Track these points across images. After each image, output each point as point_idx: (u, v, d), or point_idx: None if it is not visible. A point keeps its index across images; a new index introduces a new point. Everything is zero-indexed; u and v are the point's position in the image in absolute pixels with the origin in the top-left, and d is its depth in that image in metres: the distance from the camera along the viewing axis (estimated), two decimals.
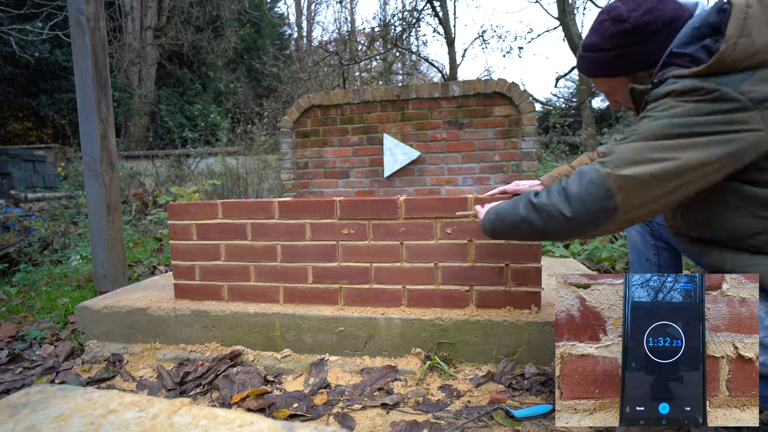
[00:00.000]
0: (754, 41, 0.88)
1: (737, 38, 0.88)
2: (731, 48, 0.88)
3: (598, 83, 1.18)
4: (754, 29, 0.88)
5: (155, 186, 7.14)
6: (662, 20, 1.01)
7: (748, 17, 0.89)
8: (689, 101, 0.90)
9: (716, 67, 0.90)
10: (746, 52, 0.88)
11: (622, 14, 1.04)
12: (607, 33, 1.07)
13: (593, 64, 1.13)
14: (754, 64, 0.88)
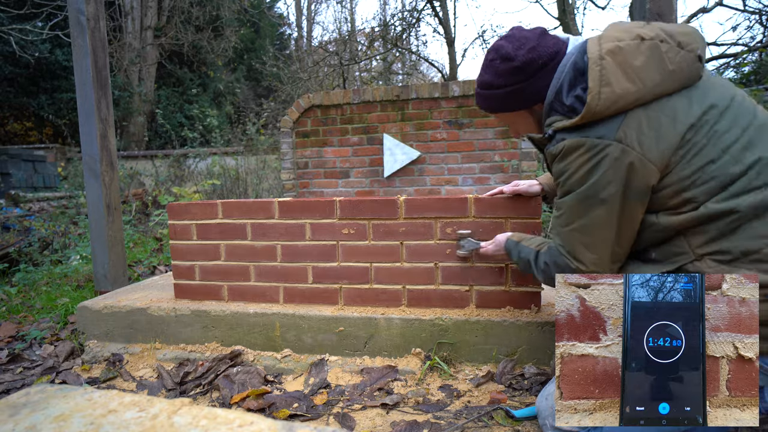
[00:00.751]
0: (614, 89, 0.97)
1: (600, 88, 0.98)
2: (596, 99, 0.98)
3: (499, 117, 1.27)
4: (612, 78, 0.97)
5: (155, 186, 7.14)
6: (546, 56, 1.11)
7: (603, 69, 0.98)
8: (579, 163, 1.02)
9: (589, 118, 0.99)
10: (610, 99, 0.97)
11: (509, 53, 1.13)
12: (498, 71, 1.15)
13: (490, 100, 1.21)
14: (621, 109, 0.97)
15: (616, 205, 1.00)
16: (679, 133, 0.95)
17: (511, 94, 1.16)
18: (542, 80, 1.12)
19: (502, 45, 1.15)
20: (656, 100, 0.97)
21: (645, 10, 1.87)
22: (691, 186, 0.96)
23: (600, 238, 1.04)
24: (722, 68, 5.87)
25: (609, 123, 0.98)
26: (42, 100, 10.47)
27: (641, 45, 0.99)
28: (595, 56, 1.00)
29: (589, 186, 1.01)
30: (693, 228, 0.97)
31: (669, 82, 0.97)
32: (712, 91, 0.99)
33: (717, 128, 0.95)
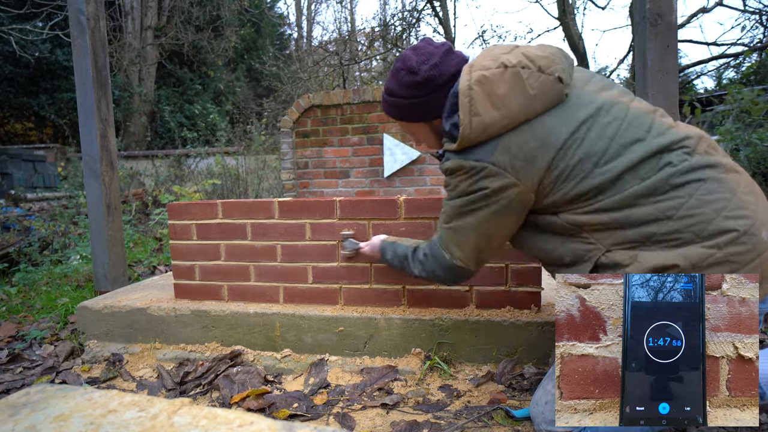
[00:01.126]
0: (483, 118, 1.04)
1: (470, 117, 1.05)
2: (467, 128, 1.06)
3: (401, 126, 1.32)
4: (480, 108, 1.05)
5: (155, 186, 7.14)
6: (446, 75, 1.16)
7: (472, 99, 1.05)
8: (460, 180, 1.11)
9: (465, 144, 1.08)
10: (480, 128, 1.05)
11: (413, 66, 1.17)
12: (402, 82, 1.19)
13: (393, 108, 1.25)
14: (493, 135, 1.05)
15: (487, 216, 1.11)
16: (548, 156, 1.03)
17: (412, 107, 1.21)
18: (440, 98, 1.17)
19: (409, 56, 1.19)
20: (525, 123, 1.05)
21: (645, 10, 1.87)
22: (574, 200, 1.04)
23: (467, 240, 1.17)
24: (722, 68, 5.87)
25: (484, 147, 1.07)
26: (42, 100, 10.47)
27: (504, 73, 1.05)
28: (464, 87, 1.07)
29: (465, 199, 1.12)
30: (592, 226, 1.05)
31: (532, 106, 1.04)
32: (581, 108, 1.05)
33: (586, 143, 1.03)
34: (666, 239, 0.99)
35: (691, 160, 1.00)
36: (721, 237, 0.95)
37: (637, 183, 1.00)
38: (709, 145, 1.05)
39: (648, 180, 1.00)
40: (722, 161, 1.02)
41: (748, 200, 0.98)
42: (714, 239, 0.95)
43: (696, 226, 0.96)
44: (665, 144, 1.01)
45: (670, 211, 0.98)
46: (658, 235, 0.99)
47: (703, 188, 0.98)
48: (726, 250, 0.94)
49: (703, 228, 0.96)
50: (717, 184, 0.98)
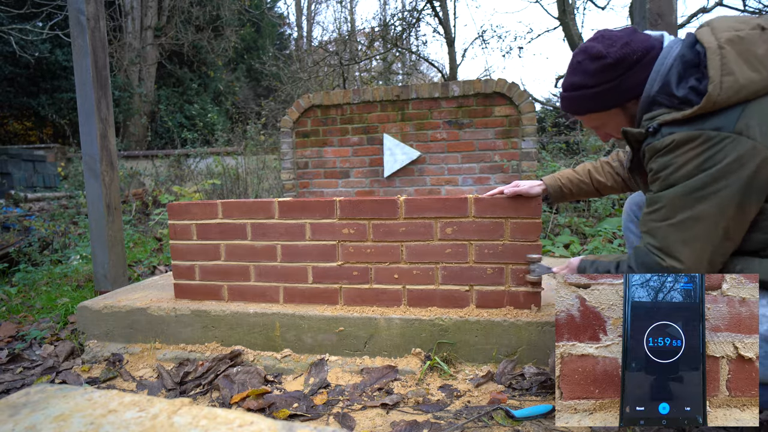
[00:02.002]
0: (738, 78, 0.92)
1: (721, 77, 0.93)
2: (718, 88, 0.92)
3: (587, 120, 1.22)
4: (734, 67, 0.93)
5: (155, 186, 7.14)
6: (640, 51, 1.07)
7: (724, 57, 0.94)
8: (690, 156, 0.95)
9: (708, 108, 0.94)
10: (733, 89, 0.92)
11: (600, 51, 1.09)
12: (588, 71, 1.12)
13: (581, 101, 1.16)
14: (741, 100, 0.92)
15: (729, 200, 0.93)
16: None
17: (604, 93, 1.12)
18: (637, 75, 1.08)
19: (592, 45, 1.11)
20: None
21: (645, 10, 1.87)
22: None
23: (703, 234, 0.96)
24: None
25: (726, 114, 0.93)
26: (42, 100, 10.47)
27: (763, 34, 0.94)
28: (713, 46, 0.95)
29: (699, 179, 0.95)
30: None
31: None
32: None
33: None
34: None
35: None
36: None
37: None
38: None
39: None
40: None
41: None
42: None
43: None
44: None
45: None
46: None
47: None
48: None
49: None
50: None
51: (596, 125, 1.23)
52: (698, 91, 0.96)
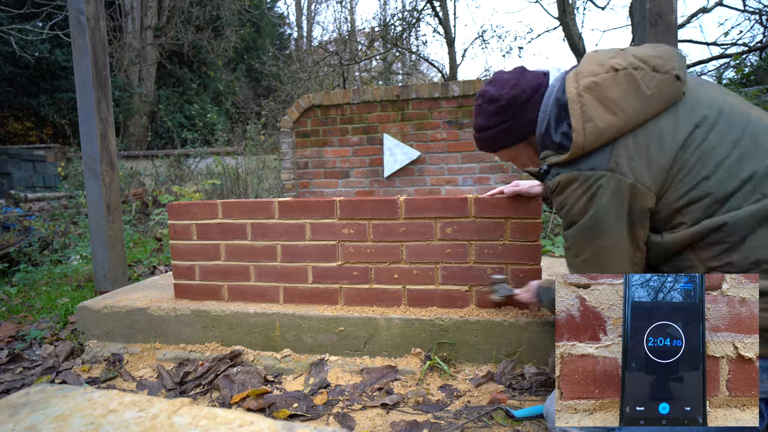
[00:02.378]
0: (597, 124, 1.00)
1: (583, 124, 1.01)
2: (581, 135, 1.01)
3: (500, 155, 1.33)
4: (593, 113, 1.01)
5: (155, 186, 7.14)
6: (529, 90, 1.18)
7: (583, 105, 1.02)
8: (576, 196, 1.05)
9: (578, 153, 1.03)
10: (595, 134, 1.00)
11: (494, 94, 1.21)
12: (488, 113, 1.23)
13: (488, 141, 1.28)
14: (606, 141, 1.01)
15: (620, 232, 1.03)
16: (668, 155, 0.98)
17: (504, 131, 1.23)
18: (530, 113, 1.18)
19: (487, 90, 1.23)
20: (642, 125, 1.00)
21: (645, 10, 1.87)
22: (688, 204, 0.98)
23: (612, 264, 1.06)
24: (722, 68, 5.87)
25: (599, 154, 1.01)
26: (42, 100, 10.47)
27: (616, 76, 1.02)
28: (573, 94, 1.04)
29: (589, 217, 1.04)
30: (698, 243, 0.98)
31: (650, 106, 1.00)
32: (700, 107, 1.00)
33: (706, 145, 0.97)
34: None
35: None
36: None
37: (761, 199, 0.93)
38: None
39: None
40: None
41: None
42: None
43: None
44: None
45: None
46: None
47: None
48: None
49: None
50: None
51: (510, 158, 1.33)
52: (569, 136, 1.05)
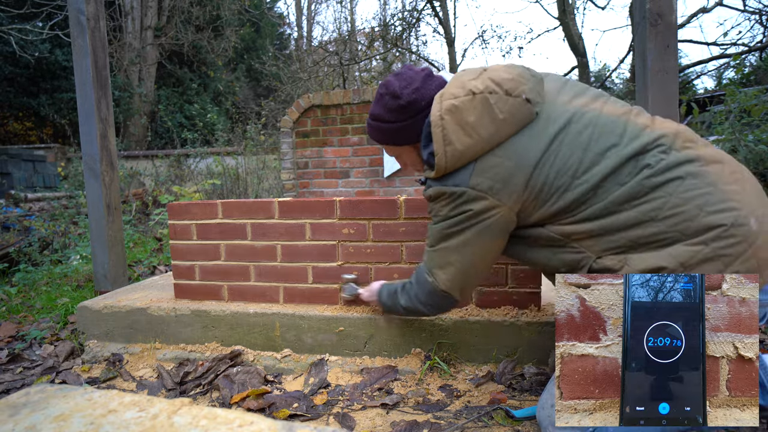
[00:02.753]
0: (456, 147, 1.09)
1: (444, 147, 1.10)
2: (443, 158, 1.11)
3: (387, 149, 1.36)
4: (453, 137, 1.09)
5: (155, 186, 7.14)
6: (428, 98, 1.21)
7: (444, 129, 1.10)
8: (442, 205, 1.15)
9: (442, 172, 1.12)
10: (455, 156, 1.09)
11: (396, 90, 1.22)
12: (387, 106, 1.24)
13: (380, 133, 1.30)
14: (467, 161, 1.09)
15: (471, 239, 1.14)
16: (525, 174, 1.05)
17: (398, 130, 1.26)
18: (420, 123, 1.22)
19: (392, 82, 1.24)
20: (500, 145, 1.08)
21: (645, 10, 1.87)
22: (558, 213, 1.06)
23: (452, 261, 1.19)
24: (722, 68, 5.87)
25: (462, 172, 1.10)
26: (42, 100, 10.47)
27: (473, 100, 1.08)
28: (436, 117, 1.11)
29: (449, 222, 1.15)
30: (579, 234, 1.06)
31: (503, 129, 1.07)
32: (553, 122, 1.07)
33: (560, 158, 1.05)
34: (652, 241, 0.99)
35: (668, 159, 1.01)
36: (707, 233, 0.95)
37: (617, 189, 1.01)
38: (686, 139, 1.05)
39: (627, 185, 1.01)
40: (701, 153, 1.02)
41: (731, 190, 0.98)
42: (700, 236, 0.95)
43: (680, 225, 0.97)
44: (640, 146, 1.02)
45: (652, 213, 0.99)
46: (643, 237, 1.00)
47: (683, 186, 0.98)
48: (714, 245, 0.94)
49: (687, 226, 0.96)
50: (696, 179, 0.98)
51: (395, 155, 1.37)
52: (434, 155, 1.13)
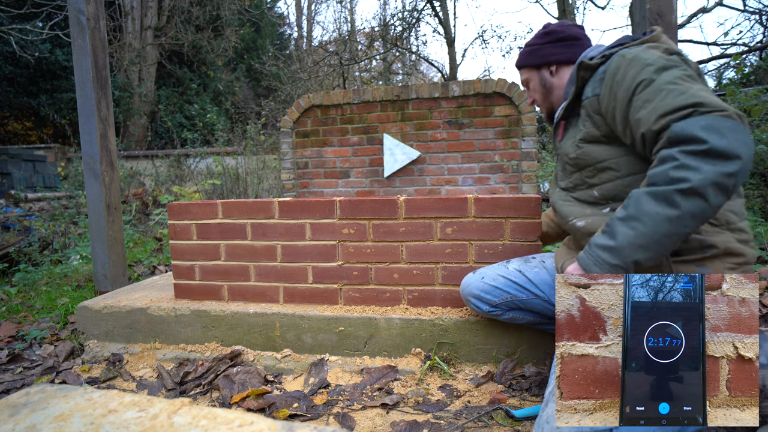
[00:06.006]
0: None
1: (660, 33, 1.14)
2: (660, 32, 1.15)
3: (521, 74, 1.43)
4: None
5: (155, 186, 7.14)
6: (569, 34, 1.32)
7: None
8: (659, 53, 1.04)
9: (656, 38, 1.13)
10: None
11: (548, 24, 1.37)
12: (535, 34, 1.38)
13: (520, 55, 1.41)
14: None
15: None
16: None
17: (531, 51, 1.36)
18: (558, 49, 1.31)
19: (549, 23, 1.38)
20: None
21: (645, 10, 1.87)
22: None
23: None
24: (722, 68, 5.87)
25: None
26: (42, 100, 10.46)
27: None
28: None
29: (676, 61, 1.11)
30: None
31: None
32: None
33: None
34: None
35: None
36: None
37: None
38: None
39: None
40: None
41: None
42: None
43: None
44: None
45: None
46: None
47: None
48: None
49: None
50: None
51: (524, 80, 1.42)
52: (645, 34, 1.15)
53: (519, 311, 1.48)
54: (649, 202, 0.91)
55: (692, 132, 0.87)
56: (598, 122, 1.11)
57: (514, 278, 1.45)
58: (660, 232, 0.91)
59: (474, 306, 1.52)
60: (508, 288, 1.45)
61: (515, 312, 1.49)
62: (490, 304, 1.48)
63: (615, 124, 1.07)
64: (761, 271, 1.93)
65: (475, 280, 1.50)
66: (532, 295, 1.43)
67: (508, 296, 1.45)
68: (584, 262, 1.02)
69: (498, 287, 1.45)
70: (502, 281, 1.46)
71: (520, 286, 1.44)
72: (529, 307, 1.46)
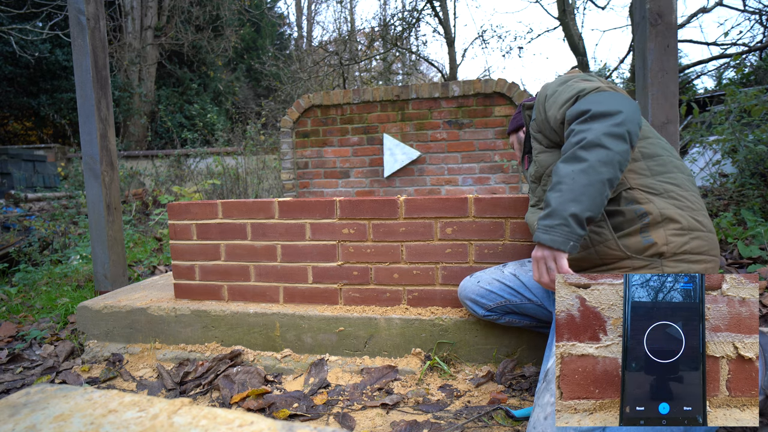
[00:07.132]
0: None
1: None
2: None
3: (509, 139, 1.66)
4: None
5: (155, 186, 7.14)
6: (533, 104, 1.43)
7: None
8: (567, 76, 1.27)
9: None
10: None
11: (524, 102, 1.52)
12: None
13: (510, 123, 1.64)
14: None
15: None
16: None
17: (510, 122, 1.59)
18: (524, 115, 1.47)
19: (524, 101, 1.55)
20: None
21: (645, 10, 1.87)
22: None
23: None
24: (722, 68, 5.87)
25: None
26: (42, 100, 10.46)
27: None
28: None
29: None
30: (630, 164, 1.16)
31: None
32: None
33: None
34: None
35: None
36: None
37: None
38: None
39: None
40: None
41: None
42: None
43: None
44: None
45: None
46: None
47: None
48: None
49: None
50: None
51: (511, 143, 1.64)
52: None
53: (514, 315, 1.51)
54: (564, 167, 1.08)
55: (578, 108, 1.12)
56: (540, 138, 1.33)
57: (509, 282, 1.48)
58: (580, 182, 1.04)
59: (470, 309, 1.56)
60: (503, 292, 1.47)
61: (511, 316, 1.52)
62: (485, 308, 1.51)
63: (548, 132, 1.28)
64: (761, 271, 1.93)
65: (472, 284, 1.53)
66: (525, 300, 1.46)
67: (503, 300, 1.48)
68: (537, 238, 1.10)
69: (493, 291, 1.48)
70: (497, 285, 1.48)
71: (514, 290, 1.47)
72: (523, 311, 1.49)
